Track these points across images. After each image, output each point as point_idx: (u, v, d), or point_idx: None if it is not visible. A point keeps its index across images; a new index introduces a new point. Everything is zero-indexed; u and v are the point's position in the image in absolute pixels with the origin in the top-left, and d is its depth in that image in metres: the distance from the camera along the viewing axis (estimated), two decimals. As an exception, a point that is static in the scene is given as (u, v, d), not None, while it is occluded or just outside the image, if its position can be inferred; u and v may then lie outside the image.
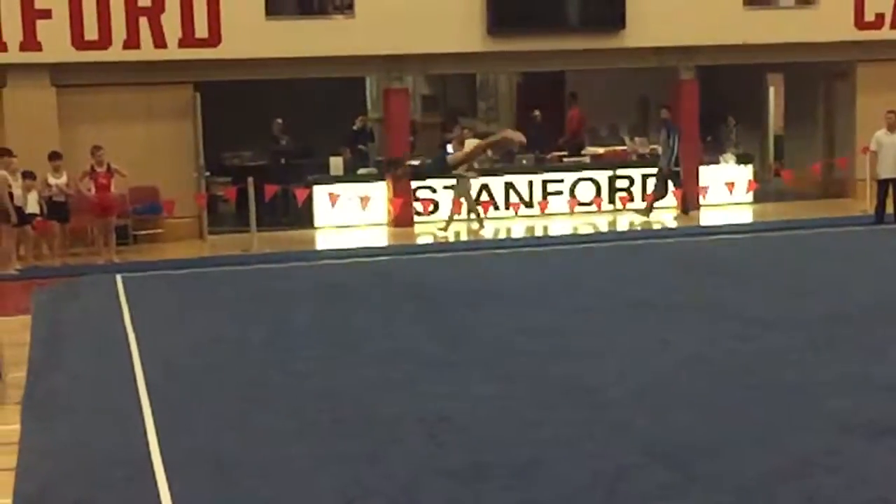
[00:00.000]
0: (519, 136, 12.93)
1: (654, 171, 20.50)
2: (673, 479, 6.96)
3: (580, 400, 8.77)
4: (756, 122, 24.80)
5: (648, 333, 11.03)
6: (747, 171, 21.78)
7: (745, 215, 20.56)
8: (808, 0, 21.15)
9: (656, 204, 20.33)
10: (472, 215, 19.28)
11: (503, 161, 21.36)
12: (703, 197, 20.80)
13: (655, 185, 20.39)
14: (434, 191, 19.98)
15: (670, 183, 20.30)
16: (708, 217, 20.24)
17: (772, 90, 25.19)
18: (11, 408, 9.20)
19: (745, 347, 10.31)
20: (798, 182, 21.81)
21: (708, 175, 21.09)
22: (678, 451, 7.45)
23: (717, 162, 21.71)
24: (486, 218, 19.72)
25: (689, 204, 20.39)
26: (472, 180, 19.23)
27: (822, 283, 13.56)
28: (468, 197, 19.19)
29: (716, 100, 22.53)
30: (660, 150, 20.39)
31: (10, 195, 15.83)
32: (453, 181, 18.86)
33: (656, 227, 19.44)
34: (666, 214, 20.46)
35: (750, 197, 21.53)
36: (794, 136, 24.30)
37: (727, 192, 20.85)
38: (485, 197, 20.22)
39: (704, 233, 18.59)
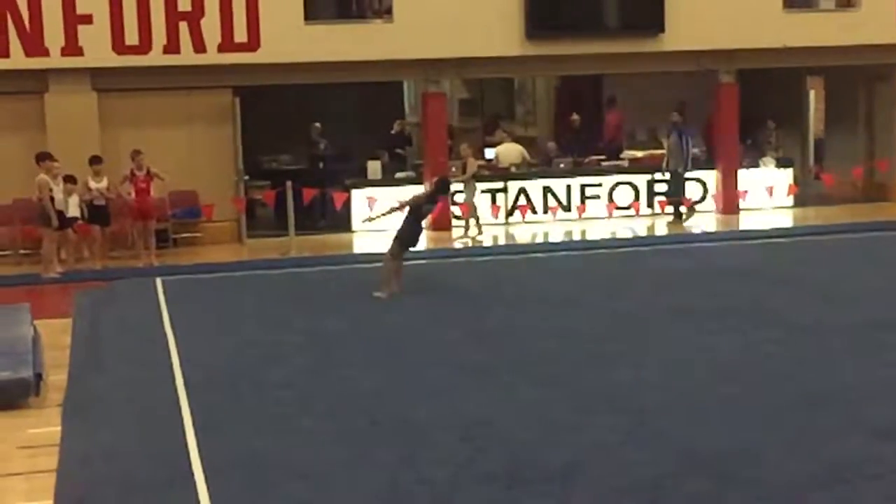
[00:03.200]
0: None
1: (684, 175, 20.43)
2: (710, 485, 6.93)
3: (618, 405, 8.75)
4: (796, 126, 24.62)
5: (687, 339, 10.99)
6: (787, 175, 21.63)
7: (785, 219, 20.42)
8: (848, 2, 21.00)
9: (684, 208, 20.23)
10: (473, 221, 19.15)
11: (541, 165, 21.35)
12: (743, 200, 20.70)
13: (677, 189, 20.19)
14: (472, 194, 19.98)
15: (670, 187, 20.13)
16: (748, 221, 20.12)
17: (812, 93, 25.01)
18: (52, 410, 9.28)
19: (784, 353, 10.25)
20: (839, 185, 21.63)
21: (748, 179, 20.96)
22: (716, 457, 7.42)
23: (757, 166, 21.59)
24: (524, 222, 19.76)
25: (683, 213, 20.15)
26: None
27: (863, 288, 13.43)
28: (472, 203, 19.11)
29: (755, 103, 22.39)
30: (670, 153, 20.10)
31: (52, 199, 15.96)
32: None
33: (695, 231, 19.36)
34: (705, 218, 20.36)
35: (790, 201, 21.38)
36: (834, 140, 24.13)
37: (767, 195, 20.73)
38: (522, 201, 20.21)
39: (744, 237, 18.48)
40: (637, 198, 20.73)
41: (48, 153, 16.35)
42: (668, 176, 20.20)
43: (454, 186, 17.99)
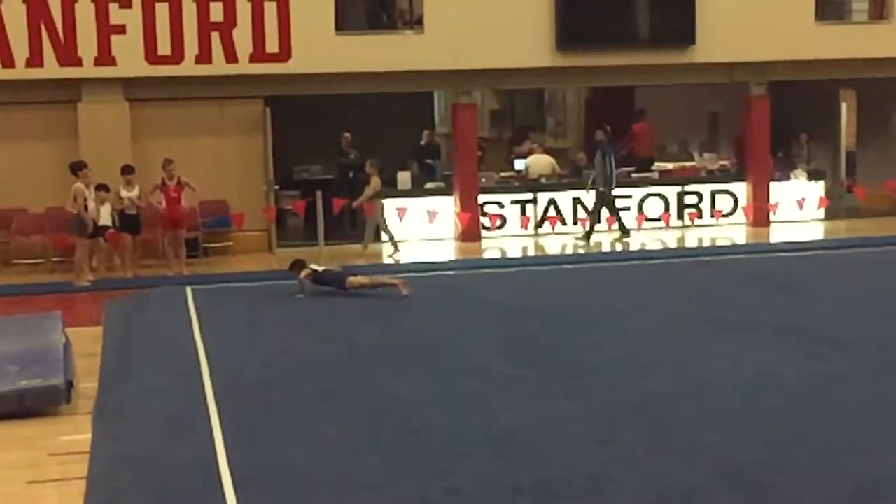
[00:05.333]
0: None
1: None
2: (742, 499, 6.88)
3: (649, 417, 8.71)
4: (828, 138, 24.45)
5: (719, 351, 10.93)
6: (819, 188, 21.54)
7: (816, 232, 20.31)
8: (881, 14, 20.88)
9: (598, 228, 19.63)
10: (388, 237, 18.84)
11: (571, 176, 21.31)
12: (774, 213, 20.60)
13: (592, 210, 19.65)
14: (502, 206, 19.98)
15: (604, 208, 19.48)
16: (779, 234, 20.02)
17: (844, 106, 24.86)
18: (82, 417, 9.31)
19: (816, 367, 10.18)
20: (871, 199, 21.50)
21: (779, 191, 20.88)
22: (748, 470, 7.36)
23: (789, 178, 21.50)
24: (554, 233, 19.75)
25: (629, 229, 19.74)
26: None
27: (895, 302, 13.34)
28: (383, 220, 18.88)
29: (787, 116, 22.29)
30: (595, 173, 19.30)
31: (85, 207, 16.04)
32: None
33: (725, 243, 19.27)
34: (735, 230, 20.29)
35: (821, 213, 21.28)
36: (866, 152, 23.98)
37: (798, 208, 20.62)
38: (552, 212, 20.18)
39: (775, 249, 18.38)
40: (667, 209, 20.66)
41: (84, 162, 16.44)
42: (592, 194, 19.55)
43: None
